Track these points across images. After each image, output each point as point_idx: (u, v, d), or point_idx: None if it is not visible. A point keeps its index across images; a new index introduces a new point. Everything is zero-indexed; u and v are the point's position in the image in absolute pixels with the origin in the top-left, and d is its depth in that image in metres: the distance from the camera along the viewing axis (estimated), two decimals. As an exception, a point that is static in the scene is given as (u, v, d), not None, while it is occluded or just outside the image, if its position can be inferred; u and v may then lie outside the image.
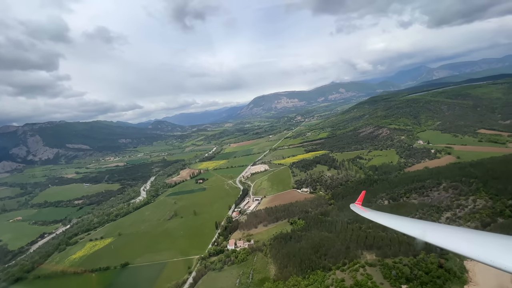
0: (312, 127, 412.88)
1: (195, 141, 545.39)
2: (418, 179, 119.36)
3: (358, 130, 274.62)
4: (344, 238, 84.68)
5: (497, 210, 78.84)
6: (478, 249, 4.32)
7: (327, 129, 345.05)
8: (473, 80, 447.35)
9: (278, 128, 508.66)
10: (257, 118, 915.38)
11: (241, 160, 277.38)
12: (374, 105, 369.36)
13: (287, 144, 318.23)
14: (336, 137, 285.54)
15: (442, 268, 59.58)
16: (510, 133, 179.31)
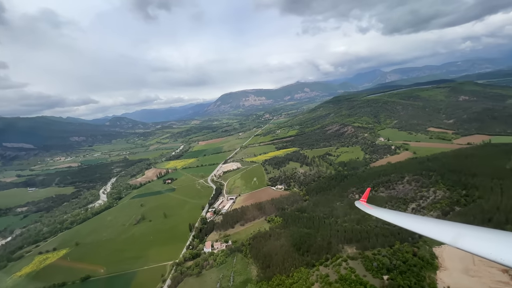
0: (281, 124, 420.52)
1: (160, 139, 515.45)
2: (383, 174, 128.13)
3: (325, 128, 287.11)
4: (324, 233, 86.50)
5: (454, 199, 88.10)
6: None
7: (295, 127, 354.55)
8: (419, 84, 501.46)
9: (247, 125, 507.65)
10: (225, 115, 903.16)
11: (211, 158, 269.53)
12: (338, 104, 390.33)
13: (257, 141, 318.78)
14: (305, 134, 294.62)
15: (416, 256, 64.12)
16: (453, 131, 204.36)
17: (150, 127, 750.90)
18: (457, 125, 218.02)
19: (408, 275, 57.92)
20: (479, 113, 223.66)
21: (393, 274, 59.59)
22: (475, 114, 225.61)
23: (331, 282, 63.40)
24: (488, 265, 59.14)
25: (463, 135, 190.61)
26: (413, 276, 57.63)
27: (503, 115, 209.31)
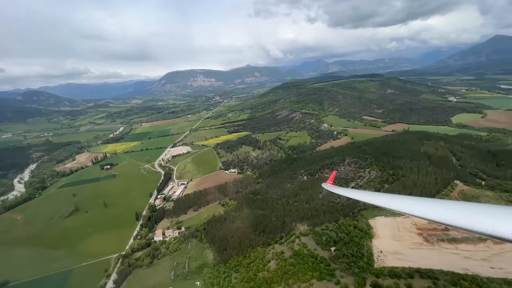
0: (232, 108, 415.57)
1: (93, 118, 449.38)
2: (328, 157, 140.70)
3: (276, 113, 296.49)
4: (278, 214, 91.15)
5: (384, 178, 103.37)
6: (467, 218, 3.98)
7: (247, 111, 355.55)
8: (356, 76, 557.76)
9: (196, 107, 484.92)
10: (171, 95, 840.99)
11: (158, 142, 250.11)
12: (287, 90, 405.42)
13: (208, 125, 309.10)
14: (256, 119, 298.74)
15: (356, 228, 73.69)
16: (382, 119, 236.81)
17: (80, 105, 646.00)
18: (385, 115, 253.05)
19: (351, 245, 66.42)
20: (401, 105, 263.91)
21: (339, 245, 67.41)
22: (398, 105, 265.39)
23: (286, 258, 67.94)
24: (408, 231, 72.25)
25: (389, 123, 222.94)
26: (354, 245, 66.35)
27: (418, 108, 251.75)
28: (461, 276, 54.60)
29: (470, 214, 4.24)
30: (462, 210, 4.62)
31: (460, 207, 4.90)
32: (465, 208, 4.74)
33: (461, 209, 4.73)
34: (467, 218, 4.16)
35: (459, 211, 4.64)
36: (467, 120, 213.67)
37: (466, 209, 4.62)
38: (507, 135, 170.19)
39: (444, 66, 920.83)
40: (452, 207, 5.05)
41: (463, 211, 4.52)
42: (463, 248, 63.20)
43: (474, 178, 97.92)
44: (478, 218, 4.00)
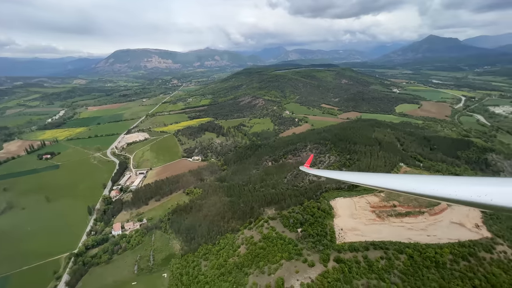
0: (192, 92, 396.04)
1: (23, 100, 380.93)
2: (291, 143, 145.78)
3: (238, 99, 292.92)
4: (245, 200, 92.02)
5: (342, 162, 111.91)
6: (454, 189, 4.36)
7: (208, 96, 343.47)
8: (314, 66, 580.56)
9: (152, 91, 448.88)
10: (121, 76, 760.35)
11: (109, 128, 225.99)
12: (249, 76, 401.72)
13: (167, 110, 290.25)
14: (218, 104, 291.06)
15: (319, 210, 79.04)
16: (338, 108, 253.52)
17: (4, 83, 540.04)
18: (340, 103, 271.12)
19: (316, 225, 71.22)
20: (355, 95, 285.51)
21: (305, 226, 71.66)
22: (352, 95, 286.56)
23: (255, 242, 69.65)
24: (363, 209, 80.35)
25: (344, 112, 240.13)
26: (318, 225, 71.31)
27: (368, 97, 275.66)
28: (406, 245, 63.41)
29: (436, 184, 4.80)
30: (430, 181, 5.16)
31: (427, 179, 5.42)
32: (432, 179, 5.27)
33: (428, 180, 5.26)
34: (435, 187, 4.67)
35: (427, 182, 5.15)
36: (407, 110, 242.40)
37: (434, 180, 5.13)
38: (437, 123, 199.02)
39: (389, 60, 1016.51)
40: (422, 180, 5.57)
41: (431, 182, 5.05)
42: (407, 221, 73.18)
43: (414, 160, 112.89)
44: (441, 186, 4.57)
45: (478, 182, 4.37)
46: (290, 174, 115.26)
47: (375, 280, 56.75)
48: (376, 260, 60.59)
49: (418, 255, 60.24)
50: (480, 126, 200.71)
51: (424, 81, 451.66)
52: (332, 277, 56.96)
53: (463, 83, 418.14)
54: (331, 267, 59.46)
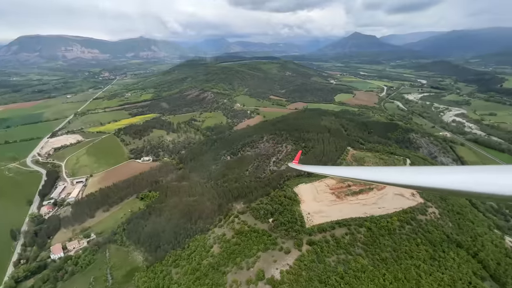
0: (129, 87, 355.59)
1: None
2: (247, 135, 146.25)
3: (185, 93, 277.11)
4: (210, 197, 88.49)
5: (298, 150, 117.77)
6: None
7: (149, 90, 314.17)
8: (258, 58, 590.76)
9: (78, 85, 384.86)
10: (32, 68, 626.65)
11: (25, 131, 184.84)
12: (194, 69, 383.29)
13: (101, 107, 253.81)
14: (163, 99, 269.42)
15: (286, 198, 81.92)
16: (286, 99, 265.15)
17: None
18: (287, 94, 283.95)
19: (285, 213, 73.62)
20: (299, 86, 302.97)
21: (276, 215, 73.32)
22: (297, 86, 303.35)
23: (228, 239, 67.94)
24: (324, 192, 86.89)
25: (292, 102, 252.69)
26: (288, 213, 73.93)
27: (311, 88, 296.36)
28: (363, 219, 71.38)
29: (418, 174, 5.04)
30: (413, 172, 5.32)
31: (409, 170, 5.53)
32: (410, 170, 5.41)
33: (412, 171, 5.39)
34: (418, 178, 4.85)
35: (411, 173, 5.29)
36: (344, 99, 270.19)
37: (415, 171, 5.29)
38: (369, 110, 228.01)
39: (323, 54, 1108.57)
40: (408, 171, 5.64)
41: (415, 173, 5.23)
42: (361, 198, 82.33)
43: (358, 143, 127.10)
44: (424, 176, 4.79)
45: (460, 170, 4.39)
46: (251, 166, 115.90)
47: (343, 255, 62.40)
48: (342, 236, 66.53)
49: (375, 226, 68.62)
50: (400, 111, 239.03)
51: (354, 73, 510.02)
52: (307, 259, 60.13)
53: (383, 74, 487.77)
54: (305, 250, 62.68)
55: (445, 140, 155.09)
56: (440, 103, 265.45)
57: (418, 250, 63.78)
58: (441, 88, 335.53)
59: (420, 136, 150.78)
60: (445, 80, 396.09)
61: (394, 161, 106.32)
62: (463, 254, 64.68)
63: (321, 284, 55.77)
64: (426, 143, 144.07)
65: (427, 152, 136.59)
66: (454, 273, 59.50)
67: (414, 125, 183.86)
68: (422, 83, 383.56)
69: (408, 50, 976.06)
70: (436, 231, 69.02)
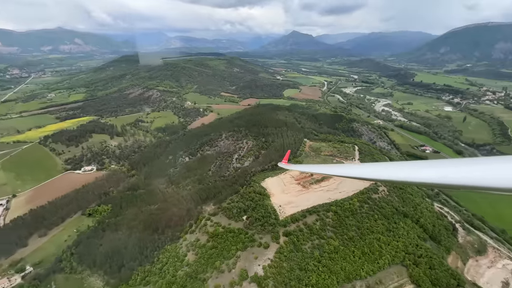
0: (52, 86, 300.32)
1: None
2: (204, 134, 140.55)
3: (126, 92, 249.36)
4: (175, 203, 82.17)
5: (260, 146, 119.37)
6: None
7: (80, 90, 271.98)
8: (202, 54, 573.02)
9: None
10: None
11: None
12: (133, 65, 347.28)
13: (14, 111, 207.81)
14: (98, 99, 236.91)
15: (256, 193, 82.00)
16: (237, 95, 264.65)
17: None
18: (238, 91, 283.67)
19: (258, 209, 73.63)
20: (249, 82, 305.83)
21: (249, 212, 72.66)
22: (247, 82, 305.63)
23: (203, 244, 64.38)
24: (290, 183, 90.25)
25: (244, 98, 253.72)
26: (261, 208, 74.12)
27: (261, 84, 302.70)
28: (329, 204, 76.89)
29: (410, 170, 5.21)
30: (403, 167, 5.50)
31: (400, 166, 5.66)
32: (399, 165, 5.60)
33: (402, 166, 5.56)
34: (410, 173, 4.97)
35: (402, 168, 5.50)
36: (292, 94, 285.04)
37: (406, 166, 5.46)
38: (315, 103, 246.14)
39: (266, 51, 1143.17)
40: (398, 166, 5.77)
41: (406, 168, 5.42)
42: (324, 185, 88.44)
43: (312, 135, 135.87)
44: (414, 171, 5.00)
45: (450, 164, 4.58)
46: (214, 165, 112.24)
47: (317, 240, 66.17)
48: (313, 223, 70.37)
49: (340, 210, 74.68)
50: (340, 103, 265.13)
51: (296, 69, 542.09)
52: (286, 250, 61.63)
53: (322, 71, 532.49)
54: (283, 241, 64.09)
55: (379, 127, 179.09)
56: (371, 95, 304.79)
57: (377, 225, 72.21)
58: (370, 82, 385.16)
59: (360, 125, 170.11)
60: (372, 76, 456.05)
61: (345, 148, 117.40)
62: (409, 222, 76.07)
63: (302, 271, 58.00)
64: (366, 130, 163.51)
65: (368, 138, 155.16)
66: (405, 239, 69.53)
67: (354, 115, 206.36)
68: (355, 78, 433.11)
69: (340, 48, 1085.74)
70: (387, 206, 79.26)
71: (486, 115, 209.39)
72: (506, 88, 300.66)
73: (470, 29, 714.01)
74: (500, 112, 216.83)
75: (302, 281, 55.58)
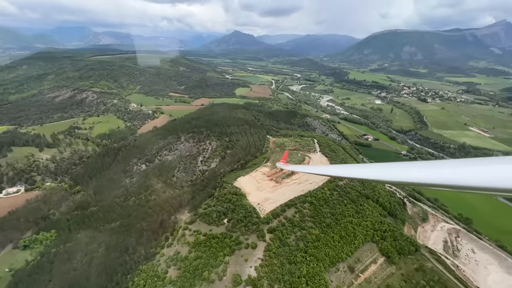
0: None
1: None
2: (160, 137, 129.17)
3: (50, 94, 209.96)
4: (144, 216, 72.87)
5: (225, 145, 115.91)
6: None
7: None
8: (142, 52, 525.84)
9: None
10: None
11: None
12: (55, 63, 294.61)
13: None
14: (11, 104, 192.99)
15: (231, 194, 79.19)
16: (188, 95, 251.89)
17: None
18: (187, 90, 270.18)
19: (238, 209, 71.15)
20: (198, 81, 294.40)
21: (229, 215, 69.59)
22: (196, 82, 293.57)
23: (185, 256, 58.77)
24: (263, 180, 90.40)
25: (195, 98, 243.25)
26: (240, 208, 71.76)
27: (211, 84, 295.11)
28: (304, 195, 79.89)
29: (405, 170, 5.24)
30: (399, 168, 5.52)
31: (396, 166, 5.67)
32: (398, 166, 5.61)
33: (397, 167, 5.60)
34: (404, 173, 5.07)
35: (397, 169, 5.53)
36: (244, 92, 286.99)
37: (400, 166, 5.50)
38: (268, 101, 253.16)
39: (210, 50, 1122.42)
40: (395, 166, 5.78)
41: (400, 168, 5.46)
42: (295, 178, 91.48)
43: (273, 131, 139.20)
44: (414, 171, 5.03)
45: (451, 164, 4.57)
46: (177, 170, 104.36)
47: (299, 232, 67.96)
48: (293, 216, 72.03)
49: (314, 200, 78.37)
50: (290, 100, 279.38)
51: (243, 68, 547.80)
52: (274, 247, 61.39)
53: (267, 70, 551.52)
54: (269, 238, 63.62)
55: (328, 120, 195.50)
56: (315, 92, 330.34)
57: (347, 209, 78.46)
58: (312, 80, 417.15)
59: (313, 119, 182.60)
60: (312, 74, 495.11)
61: (306, 142, 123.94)
62: (371, 203, 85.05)
63: (291, 265, 58.70)
64: (318, 124, 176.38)
65: (321, 131, 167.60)
66: (371, 218, 77.49)
67: (305, 111, 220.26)
68: (298, 76, 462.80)
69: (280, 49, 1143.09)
70: (352, 191, 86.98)
71: (406, 106, 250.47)
72: (415, 83, 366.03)
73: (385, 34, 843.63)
74: (415, 103, 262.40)
75: (294, 274, 56.26)
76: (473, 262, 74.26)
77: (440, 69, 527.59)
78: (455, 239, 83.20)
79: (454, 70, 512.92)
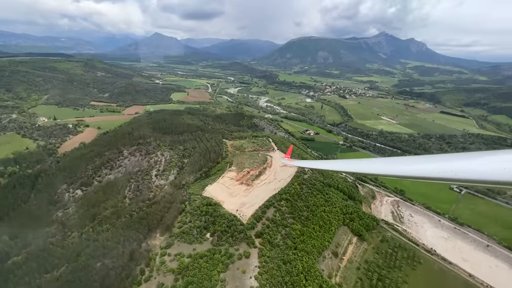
0: None
1: None
2: (95, 155, 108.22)
3: None
4: (99, 254, 58.63)
5: (180, 154, 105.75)
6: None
7: None
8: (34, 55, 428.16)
9: None
10: None
11: None
12: None
13: None
14: None
15: (206, 205, 72.65)
16: (116, 103, 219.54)
17: None
18: (114, 98, 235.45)
19: (219, 220, 65.47)
20: (126, 88, 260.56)
21: (211, 228, 63.51)
22: (123, 88, 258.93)
23: (173, 286, 50.27)
24: (234, 185, 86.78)
25: (126, 106, 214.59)
26: (221, 218, 66.34)
27: (141, 89, 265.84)
28: (279, 193, 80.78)
29: (403, 164, 5.46)
30: (398, 162, 5.70)
31: (396, 161, 5.77)
32: (398, 160, 5.70)
33: (396, 162, 5.74)
34: (404, 167, 5.29)
35: (396, 163, 5.74)
36: (181, 97, 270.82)
37: (400, 161, 5.62)
38: (208, 105, 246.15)
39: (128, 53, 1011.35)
40: (391, 161, 5.88)
41: (400, 163, 5.65)
42: (263, 179, 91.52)
43: (227, 134, 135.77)
44: (409, 166, 5.34)
45: (442, 159, 4.80)
46: (128, 190, 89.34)
47: (283, 230, 68.27)
48: (274, 215, 71.81)
49: (288, 196, 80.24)
50: (230, 103, 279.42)
51: (172, 72, 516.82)
52: (266, 249, 59.54)
53: (198, 73, 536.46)
54: (259, 243, 61.32)
55: (272, 120, 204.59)
56: (252, 94, 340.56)
57: (318, 199, 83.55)
58: (246, 83, 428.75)
59: (259, 120, 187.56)
60: (245, 77, 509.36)
61: (262, 141, 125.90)
62: (334, 190, 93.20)
63: (286, 264, 58.25)
64: (266, 124, 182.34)
65: (269, 130, 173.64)
66: (339, 204, 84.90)
67: (248, 112, 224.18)
68: (232, 79, 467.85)
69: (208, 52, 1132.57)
70: (317, 182, 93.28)
71: (332, 102, 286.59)
72: (333, 83, 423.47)
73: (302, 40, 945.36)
74: (338, 99, 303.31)
75: (293, 273, 55.99)
76: (414, 224, 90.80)
77: (348, 70, 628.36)
78: (398, 208, 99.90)
79: (358, 71, 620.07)
